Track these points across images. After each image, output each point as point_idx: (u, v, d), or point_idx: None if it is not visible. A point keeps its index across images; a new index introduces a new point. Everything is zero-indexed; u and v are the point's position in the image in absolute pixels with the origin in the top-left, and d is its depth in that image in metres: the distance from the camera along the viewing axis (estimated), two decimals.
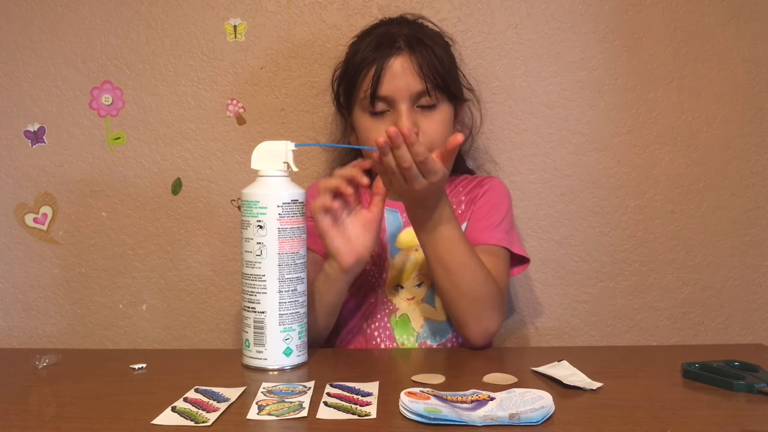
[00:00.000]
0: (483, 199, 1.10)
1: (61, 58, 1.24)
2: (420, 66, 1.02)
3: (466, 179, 1.15)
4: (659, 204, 1.25)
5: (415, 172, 0.85)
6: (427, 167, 0.85)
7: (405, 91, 1.02)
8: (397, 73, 1.02)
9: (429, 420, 0.68)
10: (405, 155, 0.84)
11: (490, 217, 1.07)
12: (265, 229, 0.87)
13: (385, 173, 0.88)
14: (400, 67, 1.03)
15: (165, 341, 1.26)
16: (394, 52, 1.03)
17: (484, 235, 1.04)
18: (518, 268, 1.09)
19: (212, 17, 1.23)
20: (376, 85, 1.03)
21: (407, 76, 1.02)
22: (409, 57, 1.03)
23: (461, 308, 0.96)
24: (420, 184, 0.86)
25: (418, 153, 0.84)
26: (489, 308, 0.96)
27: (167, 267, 1.26)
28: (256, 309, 0.88)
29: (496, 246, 1.04)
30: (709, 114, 1.24)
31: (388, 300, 1.07)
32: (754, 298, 1.27)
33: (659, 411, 0.73)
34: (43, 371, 0.90)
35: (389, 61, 1.03)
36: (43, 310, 1.26)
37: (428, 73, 1.02)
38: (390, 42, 1.04)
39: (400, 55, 1.03)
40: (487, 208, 1.08)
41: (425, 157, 0.84)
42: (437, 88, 1.03)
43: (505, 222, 1.07)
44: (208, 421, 0.69)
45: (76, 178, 1.25)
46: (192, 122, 1.25)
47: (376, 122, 1.04)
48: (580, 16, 1.23)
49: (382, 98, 1.03)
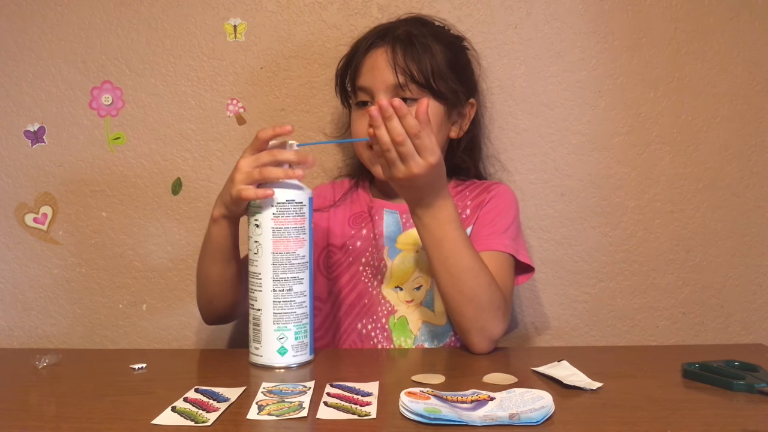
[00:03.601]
0: (490, 204, 1.08)
1: (61, 58, 1.24)
2: (396, 60, 1.02)
3: (473, 184, 1.14)
4: (659, 204, 1.25)
5: (410, 149, 0.84)
6: (422, 142, 0.84)
7: (381, 84, 1.03)
8: (375, 64, 1.04)
9: (429, 420, 0.68)
10: (397, 127, 0.83)
11: (497, 224, 1.06)
12: (261, 228, 0.87)
13: (381, 156, 0.87)
14: (378, 59, 1.04)
15: (165, 341, 1.26)
16: (378, 43, 1.05)
17: (490, 241, 1.03)
18: (523, 277, 1.08)
19: (212, 17, 1.23)
20: (356, 75, 1.06)
21: (382, 69, 1.03)
22: (388, 50, 1.03)
23: (465, 314, 0.94)
24: (418, 165, 0.85)
25: (411, 125, 0.83)
26: (493, 315, 0.94)
27: (167, 267, 1.26)
28: (254, 306, 0.89)
29: (502, 253, 1.03)
30: (709, 114, 1.24)
31: (386, 301, 1.07)
32: (754, 298, 1.27)
33: (659, 411, 0.73)
34: (43, 371, 0.90)
35: (370, 52, 1.05)
36: (43, 310, 1.26)
37: (403, 66, 1.02)
38: (380, 35, 1.06)
39: (382, 47, 1.04)
40: (494, 214, 1.07)
41: (418, 130, 0.84)
42: (414, 83, 1.03)
43: (512, 229, 1.06)
44: (208, 421, 0.70)
45: (76, 178, 1.25)
46: (192, 122, 1.25)
47: (360, 113, 1.06)
48: (580, 16, 1.23)
49: (362, 89, 1.06)
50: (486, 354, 0.97)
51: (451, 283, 0.94)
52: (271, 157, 0.88)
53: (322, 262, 1.11)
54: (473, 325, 0.94)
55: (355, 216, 1.13)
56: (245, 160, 0.90)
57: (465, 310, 0.94)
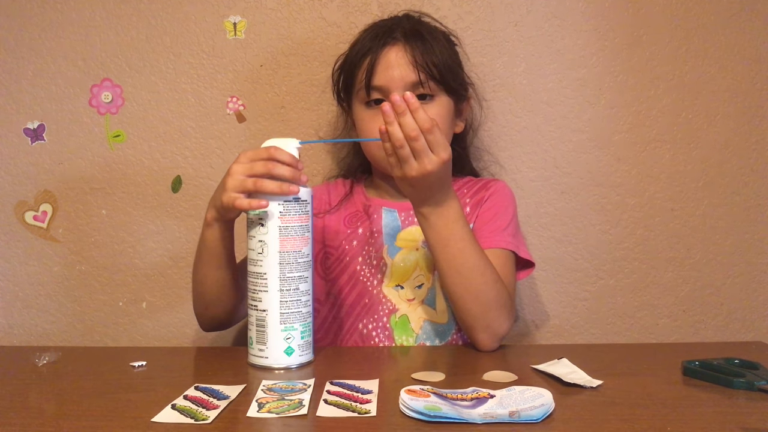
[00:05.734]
0: (489, 202, 1.09)
1: (60, 56, 1.24)
2: (414, 56, 1.02)
3: (470, 181, 1.14)
4: (659, 202, 1.25)
5: (424, 145, 0.84)
6: (434, 137, 0.84)
7: (399, 81, 1.02)
8: (391, 62, 1.03)
9: (429, 418, 0.68)
10: (410, 122, 0.83)
11: (497, 221, 1.06)
12: (267, 226, 0.87)
13: (392, 155, 0.86)
14: (395, 57, 1.03)
15: (165, 339, 1.26)
16: (390, 42, 1.04)
17: (491, 239, 1.03)
18: (523, 273, 1.09)
19: (212, 14, 1.23)
20: (371, 74, 1.03)
21: (401, 66, 1.02)
22: (404, 47, 1.03)
23: (472, 312, 0.94)
24: (431, 162, 0.84)
25: (423, 119, 0.83)
26: (499, 312, 0.94)
27: (167, 265, 1.26)
28: (258, 307, 0.88)
29: (504, 250, 1.03)
30: (709, 112, 1.24)
31: (387, 300, 1.07)
32: (754, 295, 1.27)
33: (659, 409, 0.73)
34: (43, 369, 0.90)
35: (384, 50, 1.03)
36: (43, 308, 1.26)
37: (422, 63, 1.02)
38: (387, 33, 1.05)
39: (396, 46, 1.03)
40: (493, 212, 1.07)
41: (431, 125, 0.83)
42: (432, 80, 1.03)
43: (512, 226, 1.07)
44: (208, 418, 0.70)
45: (75, 175, 1.25)
46: (192, 120, 1.24)
47: (373, 113, 1.04)
48: (580, 14, 1.22)
49: (376, 88, 1.03)
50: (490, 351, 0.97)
51: (459, 281, 0.93)
52: (265, 169, 0.86)
53: (319, 263, 1.11)
54: (480, 323, 0.94)
55: (350, 215, 1.13)
56: (239, 166, 0.87)
57: (472, 308, 0.94)
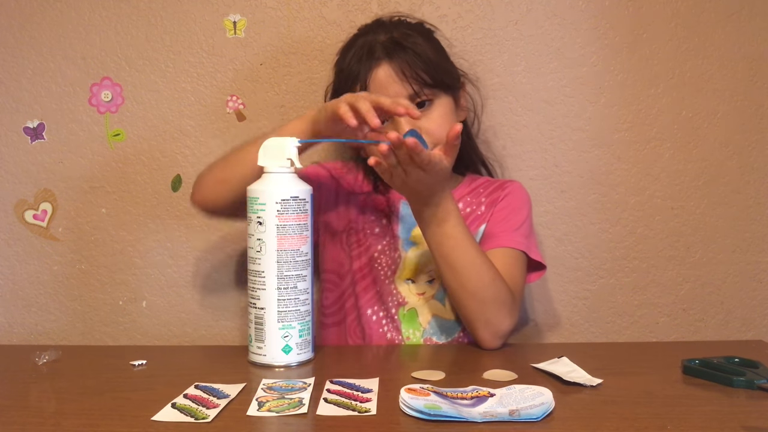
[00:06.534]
0: (503, 202, 1.10)
1: (60, 55, 1.23)
2: (403, 70, 1.01)
3: (487, 181, 1.15)
4: (659, 200, 1.25)
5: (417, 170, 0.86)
6: (432, 167, 0.86)
7: None
8: (382, 84, 1.02)
9: (429, 416, 0.68)
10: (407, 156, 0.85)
11: (510, 221, 1.07)
12: (265, 225, 0.87)
13: (386, 171, 0.89)
14: (384, 77, 1.02)
15: (165, 338, 1.26)
16: (374, 63, 1.02)
17: (502, 238, 1.04)
18: (535, 275, 1.09)
19: (212, 13, 1.23)
20: None
21: (392, 85, 1.01)
22: (389, 65, 1.02)
23: (469, 308, 0.96)
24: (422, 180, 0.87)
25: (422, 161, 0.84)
26: (497, 309, 0.95)
27: (167, 263, 1.26)
28: (256, 305, 0.89)
29: (515, 249, 1.04)
30: (709, 110, 1.24)
31: (398, 292, 1.08)
32: (754, 294, 1.27)
33: (659, 407, 0.73)
34: (43, 368, 0.90)
35: (371, 74, 1.02)
36: (42, 307, 1.26)
37: (412, 75, 1.01)
38: (369, 53, 1.03)
39: (381, 65, 1.02)
40: (507, 212, 1.08)
41: (429, 161, 0.85)
42: (426, 87, 1.03)
43: (525, 226, 1.07)
44: (208, 417, 0.70)
45: (75, 174, 1.25)
46: (192, 119, 1.24)
47: None
48: (580, 12, 1.22)
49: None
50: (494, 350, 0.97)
51: (454, 278, 0.95)
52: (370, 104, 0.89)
53: (345, 239, 1.12)
54: (478, 318, 0.96)
55: (375, 202, 1.13)
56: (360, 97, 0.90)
57: (468, 303, 0.96)
